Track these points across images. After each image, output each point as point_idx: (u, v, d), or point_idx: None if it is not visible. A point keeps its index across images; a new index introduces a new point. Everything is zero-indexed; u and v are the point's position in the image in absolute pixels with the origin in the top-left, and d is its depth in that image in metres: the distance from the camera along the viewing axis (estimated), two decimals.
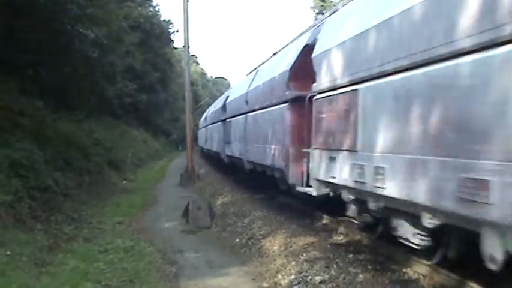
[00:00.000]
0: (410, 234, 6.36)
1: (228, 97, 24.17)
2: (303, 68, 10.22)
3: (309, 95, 9.67)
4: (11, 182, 10.46)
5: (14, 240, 8.77)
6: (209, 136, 32.64)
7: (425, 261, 6.93)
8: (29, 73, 17.35)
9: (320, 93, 9.08)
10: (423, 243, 6.08)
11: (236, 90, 22.05)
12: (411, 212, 6.03)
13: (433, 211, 5.44)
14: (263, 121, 13.96)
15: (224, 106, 24.06)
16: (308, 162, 9.94)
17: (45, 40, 15.62)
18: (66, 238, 10.64)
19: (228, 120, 21.91)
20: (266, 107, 13.47)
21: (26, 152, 12.01)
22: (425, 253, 6.52)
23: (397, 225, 6.71)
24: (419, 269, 7.02)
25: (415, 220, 6.02)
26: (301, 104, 10.16)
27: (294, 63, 11.23)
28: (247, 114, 16.51)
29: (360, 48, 7.35)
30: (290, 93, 11.08)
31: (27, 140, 12.81)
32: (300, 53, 11.06)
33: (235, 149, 19.45)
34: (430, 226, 5.60)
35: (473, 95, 4.69)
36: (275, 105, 12.40)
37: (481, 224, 4.62)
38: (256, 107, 14.89)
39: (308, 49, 10.34)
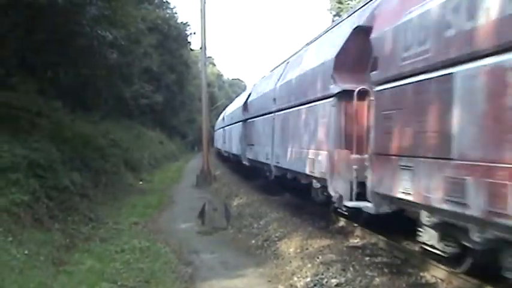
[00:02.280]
0: None
1: (226, 111, 37.50)
2: (251, 104, 20.22)
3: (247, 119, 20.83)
4: (29, 182, 10.55)
5: (31, 240, 8.85)
6: (220, 137, 42.02)
7: (443, 266, 6.87)
8: (47, 74, 17.51)
9: (249, 118, 19.83)
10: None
11: (228, 110, 35.61)
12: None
13: None
14: (235, 129, 25.84)
15: (223, 118, 36.69)
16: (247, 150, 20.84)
17: (64, 41, 15.74)
18: (83, 238, 10.72)
19: (224, 128, 34.04)
20: (237, 122, 24.86)
21: (43, 152, 12.12)
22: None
23: None
24: (436, 273, 6.94)
25: None
26: (247, 123, 20.53)
27: (246, 100, 21.42)
28: (230, 126, 29.08)
29: (259, 102, 18.12)
30: (243, 117, 21.30)
31: (45, 140, 12.93)
32: (250, 93, 21.49)
33: (231, 147, 28.84)
34: None
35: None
36: (237, 122, 24.45)
37: None
38: (233, 122, 27.50)
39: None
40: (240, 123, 22.89)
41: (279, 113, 14.09)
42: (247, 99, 21.56)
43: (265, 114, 16.10)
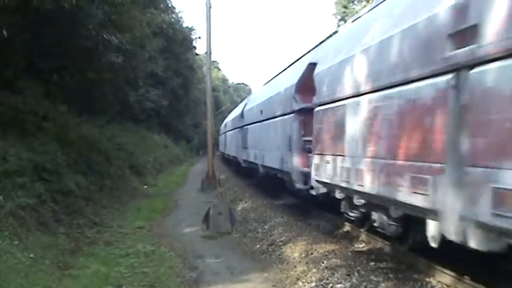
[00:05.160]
0: None
1: (228, 117, 42.20)
2: (246, 113, 23.75)
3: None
4: (34, 185, 10.60)
5: (37, 243, 8.89)
6: (222, 142, 47.02)
7: (448, 271, 6.85)
8: (53, 78, 17.58)
9: (245, 125, 23.50)
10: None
11: (229, 117, 39.81)
12: None
13: None
14: (234, 134, 29.99)
15: (225, 124, 42.20)
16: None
17: (70, 45, 15.82)
18: (88, 242, 10.75)
19: (226, 133, 39.37)
20: (235, 128, 29.08)
21: (49, 155, 12.18)
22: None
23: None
24: (442, 279, 6.91)
25: None
26: (243, 129, 23.27)
27: (243, 109, 25.16)
28: (231, 131, 33.19)
29: (251, 112, 21.91)
30: (240, 124, 25.22)
31: (51, 143, 12.98)
32: (246, 104, 24.58)
33: (231, 150, 33.27)
34: None
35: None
36: (236, 128, 28.51)
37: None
38: (232, 128, 31.75)
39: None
40: (238, 129, 27.17)
41: (263, 122, 17.79)
42: (243, 108, 25.85)
43: (255, 122, 20.03)
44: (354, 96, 8.23)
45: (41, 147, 12.26)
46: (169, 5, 43.04)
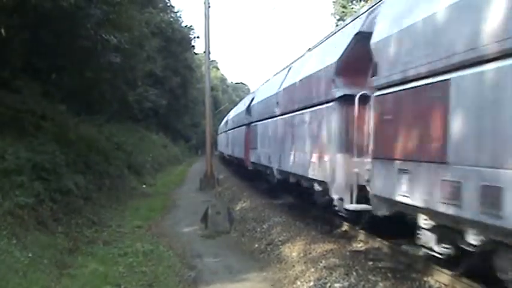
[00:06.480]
0: None
1: (226, 119, 42.28)
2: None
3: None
4: (33, 184, 10.58)
5: (35, 243, 8.87)
6: (220, 141, 48.68)
7: (446, 270, 6.85)
8: (52, 77, 17.57)
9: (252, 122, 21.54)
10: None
11: (230, 116, 37.87)
12: None
13: None
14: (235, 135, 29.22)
15: (226, 122, 41.03)
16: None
17: (69, 45, 15.80)
18: (87, 241, 10.73)
19: (223, 132, 40.81)
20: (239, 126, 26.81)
21: (48, 155, 12.15)
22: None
23: None
24: (440, 278, 6.92)
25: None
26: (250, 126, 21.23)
27: (249, 105, 22.53)
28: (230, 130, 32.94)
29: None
30: (246, 121, 22.84)
31: (50, 143, 12.96)
32: (248, 104, 22.89)
33: (224, 148, 37.53)
34: None
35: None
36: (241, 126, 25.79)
37: None
38: (235, 126, 29.83)
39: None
40: (244, 127, 23.66)
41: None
42: (249, 104, 22.39)
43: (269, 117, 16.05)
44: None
45: (40, 147, 12.24)
46: (168, 5, 43.06)
